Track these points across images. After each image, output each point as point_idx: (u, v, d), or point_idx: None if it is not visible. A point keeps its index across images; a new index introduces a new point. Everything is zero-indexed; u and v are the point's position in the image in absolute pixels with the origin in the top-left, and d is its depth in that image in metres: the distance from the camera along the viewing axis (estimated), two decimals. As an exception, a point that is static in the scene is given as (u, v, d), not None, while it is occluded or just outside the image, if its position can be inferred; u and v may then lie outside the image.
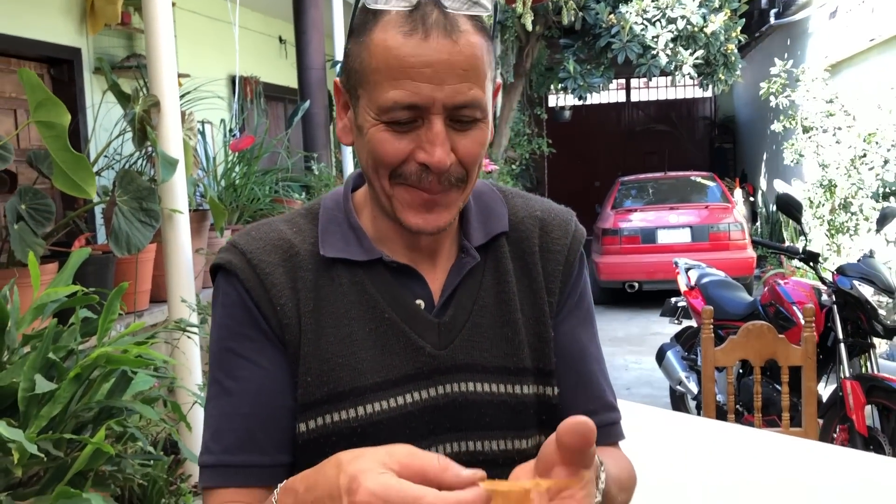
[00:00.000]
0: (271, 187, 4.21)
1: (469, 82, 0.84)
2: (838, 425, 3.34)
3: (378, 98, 0.85)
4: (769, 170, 12.16)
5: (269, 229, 0.96)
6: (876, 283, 3.46)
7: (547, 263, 0.99)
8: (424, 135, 0.85)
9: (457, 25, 0.84)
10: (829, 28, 8.67)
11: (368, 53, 0.86)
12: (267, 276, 0.91)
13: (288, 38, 7.40)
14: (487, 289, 0.96)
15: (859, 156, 5.67)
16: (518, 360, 0.95)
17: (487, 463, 0.91)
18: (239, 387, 0.89)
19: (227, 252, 0.94)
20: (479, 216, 0.99)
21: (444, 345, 0.92)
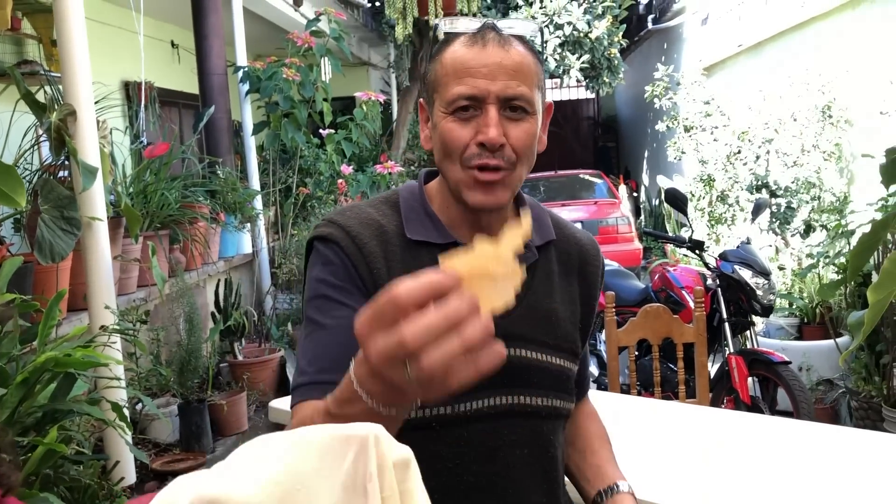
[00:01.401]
0: (181, 192, 4.22)
1: (518, 80, 1.06)
2: (725, 396, 3.67)
3: (446, 95, 1.07)
4: (651, 166, 12.79)
5: (359, 211, 1.13)
6: (754, 267, 3.82)
7: (584, 279, 1.24)
8: (482, 120, 1.06)
9: (509, 41, 1.08)
10: (702, 34, 9.25)
11: (441, 65, 1.10)
12: (364, 244, 1.08)
13: (181, 42, 7.31)
14: (539, 280, 1.17)
15: (734, 152, 6.12)
16: (556, 339, 1.16)
17: (533, 414, 1.12)
18: (336, 323, 1.04)
19: (327, 226, 1.11)
20: (536, 224, 1.20)
21: (503, 316, 1.02)
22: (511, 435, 1.10)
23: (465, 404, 1.07)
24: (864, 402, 3.91)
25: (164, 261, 3.92)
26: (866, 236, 2.97)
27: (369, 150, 8.04)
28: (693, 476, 1.89)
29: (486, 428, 1.09)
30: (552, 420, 1.15)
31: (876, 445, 2.11)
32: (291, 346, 5.12)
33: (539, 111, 1.11)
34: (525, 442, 1.11)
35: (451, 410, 1.06)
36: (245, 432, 4.18)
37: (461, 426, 1.07)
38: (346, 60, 7.07)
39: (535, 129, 1.10)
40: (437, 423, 1.06)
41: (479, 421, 1.08)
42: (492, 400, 1.09)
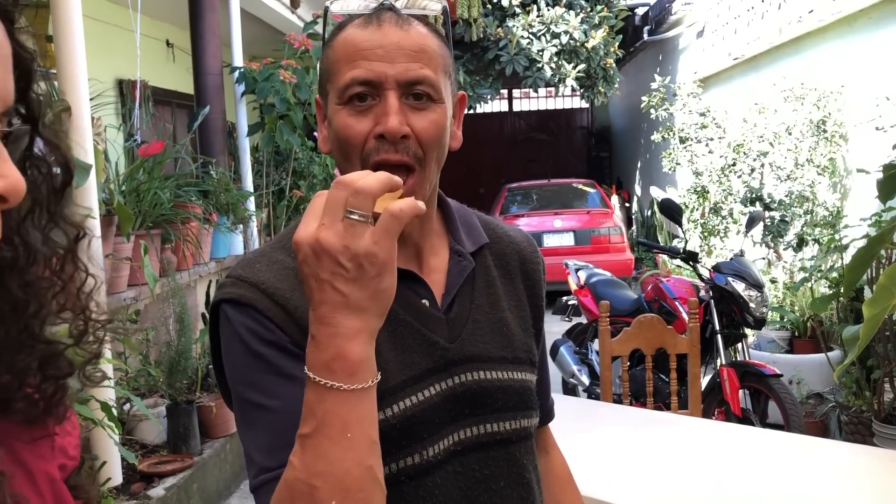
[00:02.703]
0: (174, 192, 4.20)
1: (420, 63, 0.94)
2: (716, 408, 3.68)
3: (338, 82, 0.95)
4: (643, 177, 12.82)
5: (269, 260, 0.97)
6: (747, 279, 3.83)
7: (527, 279, 1.13)
8: (380, 109, 0.93)
9: (409, 21, 0.97)
10: (698, 46, 9.29)
11: (332, 51, 0.98)
12: (287, 301, 0.92)
13: (176, 41, 7.29)
14: (480, 290, 1.06)
15: (729, 164, 6.14)
16: (512, 350, 1.06)
17: (503, 442, 1.02)
18: (284, 403, 0.88)
19: (235, 286, 0.94)
20: (464, 228, 1.08)
21: (453, 338, 1.00)
22: (483, 469, 1.00)
23: (431, 448, 0.96)
24: (854, 417, 3.92)
25: (155, 260, 3.90)
26: (862, 251, 2.97)
27: (363, 155, 8.03)
28: (682, 486, 1.88)
29: (456, 467, 0.98)
30: (522, 442, 1.05)
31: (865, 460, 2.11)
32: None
33: (448, 100, 0.98)
34: (500, 474, 1.01)
35: (418, 459, 0.95)
36: (233, 435, 4.15)
37: (431, 474, 0.96)
38: (343, 64, 7.08)
39: (444, 119, 0.97)
40: (406, 476, 0.95)
41: (448, 462, 0.97)
42: (457, 435, 0.98)
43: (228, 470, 4.07)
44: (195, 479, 3.60)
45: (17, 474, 0.60)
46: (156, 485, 3.33)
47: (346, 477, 0.75)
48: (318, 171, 6.09)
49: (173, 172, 4.61)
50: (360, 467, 0.76)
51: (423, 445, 0.95)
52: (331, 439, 0.74)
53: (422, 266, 1.03)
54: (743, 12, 7.45)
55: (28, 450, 0.62)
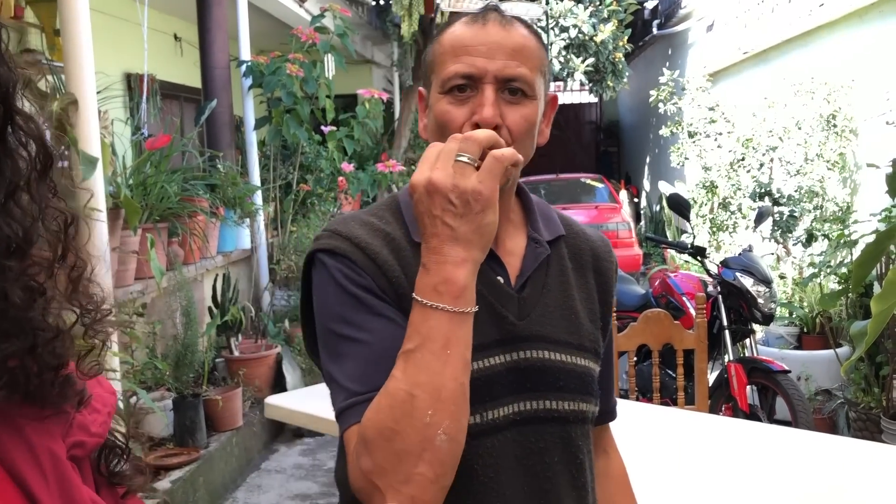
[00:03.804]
0: (181, 185, 4.20)
1: (518, 61, 1.02)
2: (724, 404, 3.66)
3: (442, 74, 1.04)
4: (652, 172, 12.77)
5: (361, 221, 1.06)
6: (755, 274, 3.81)
7: (599, 275, 1.18)
8: (478, 100, 1.02)
9: (511, 22, 1.05)
10: (707, 40, 9.24)
11: (439, 45, 1.06)
12: (377, 255, 1.01)
13: (184, 35, 7.29)
14: (552, 276, 1.12)
15: (738, 159, 6.10)
16: (578, 337, 1.11)
17: (561, 419, 1.07)
18: (373, 337, 0.97)
19: (330, 238, 1.03)
20: (542, 219, 1.15)
21: (522, 316, 1.07)
22: (539, 442, 1.05)
23: (492, 412, 1.02)
24: (862, 414, 3.90)
25: (162, 254, 3.90)
26: (870, 246, 2.96)
27: (371, 149, 8.03)
28: (689, 482, 1.87)
29: (514, 436, 1.04)
30: (579, 424, 1.10)
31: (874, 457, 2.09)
32: (288, 342, 5.10)
33: (540, 98, 1.06)
34: (555, 449, 1.07)
35: (479, 419, 1.01)
36: (240, 428, 4.16)
37: (491, 435, 1.02)
38: (350, 58, 7.05)
39: (535, 115, 1.05)
40: (468, 434, 0.98)
41: (508, 429, 1.03)
42: (518, 405, 1.04)
43: (234, 463, 4.08)
44: (201, 472, 3.61)
45: (18, 450, 0.59)
46: (162, 478, 3.34)
47: (442, 389, 0.88)
48: (325, 164, 6.08)
49: (180, 166, 4.61)
50: (455, 382, 0.89)
51: (484, 408, 1.01)
52: (433, 353, 0.87)
53: (499, 247, 1.09)
54: (753, 6, 7.41)
55: (33, 427, 0.61)
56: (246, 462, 4.25)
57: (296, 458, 4.47)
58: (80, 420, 0.66)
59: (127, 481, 0.72)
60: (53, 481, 0.61)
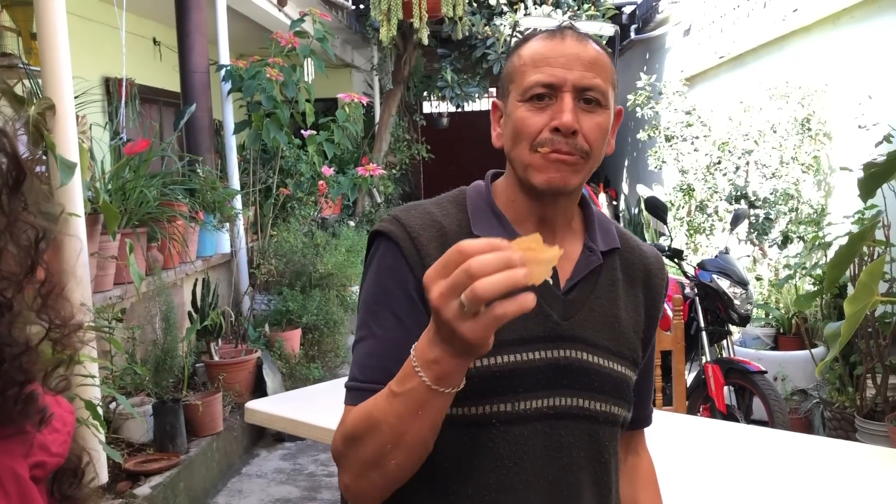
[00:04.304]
0: (160, 190, 4.18)
1: (594, 73, 1.10)
2: (701, 404, 3.70)
3: (523, 83, 1.11)
4: (631, 175, 12.85)
5: (423, 210, 1.16)
6: (732, 276, 3.86)
7: (648, 290, 1.24)
8: (557, 107, 1.09)
9: (586, 39, 1.14)
10: (684, 44, 9.32)
11: (518, 57, 1.14)
12: (423, 246, 1.10)
13: (163, 39, 7.26)
14: (602, 285, 1.18)
15: (714, 162, 6.16)
16: (618, 345, 1.16)
17: (591, 419, 1.13)
18: (385, 334, 1.08)
19: (391, 223, 1.13)
20: (600, 230, 1.21)
21: (566, 317, 1.13)
22: (568, 437, 1.11)
23: (525, 402, 1.08)
24: (837, 413, 3.95)
25: (141, 259, 3.89)
26: (843, 248, 3.00)
27: (351, 152, 8.02)
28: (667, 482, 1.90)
29: (544, 427, 1.10)
30: (609, 426, 1.16)
31: (848, 455, 2.13)
32: (268, 347, 5.09)
33: (612, 108, 1.14)
34: (581, 445, 1.12)
35: (511, 408, 1.08)
36: (220, 433, 4.15)
37: (520, 424, 1.08)
38: (330, 62, 7.05)
39: (608, 123, 1.12)
40: (498, 420, 1.08)
41: (539, 420, 1.09)
42: (551, 400, 1.10)
43: (215, 468, 4.07)
44: (182, 477, 3.60)
45: None
46: (142, 483, 3.33)
47: (405, 435, 0.95)
48: (305, 168, 6.07)
49: (159, 171, 4.59)
50: (419, 436, 0.96)
51: (517, 398, 1.08)
52: (408, 408, 0.93)
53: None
54: (729, 11, 7.49)
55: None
56: (227, 467, 4.24)
57: (276, 463, 4.47)
58: (41, 440, 0.65)
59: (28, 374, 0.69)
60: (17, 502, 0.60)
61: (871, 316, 3.78)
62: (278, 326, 5.37)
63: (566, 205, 1.17)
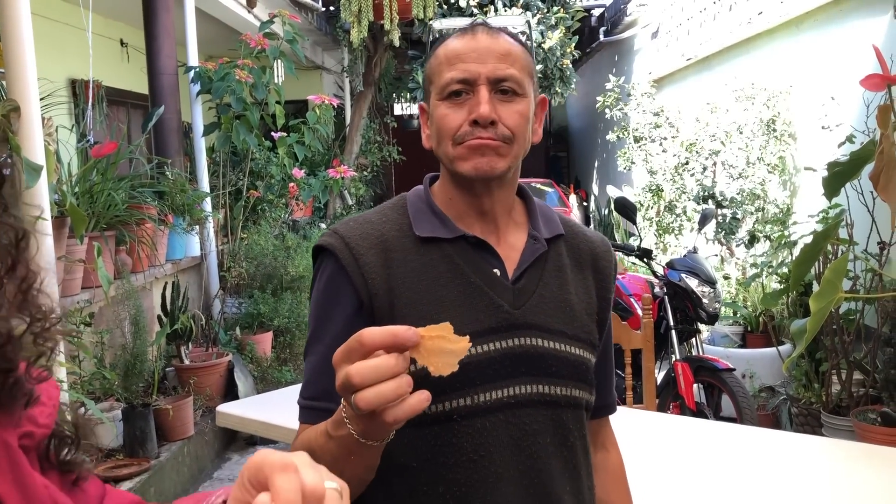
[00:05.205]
0: (128, 193, 4.14)
1: (507, 63, 1.13)
2: (671, 402, 3.74)
3: (440, 82, 1.14)
4: (601, 177, 12.95)
5: (363, 220, 1.19)
6: (700, 275, 3.91)
7: (597, 273, 1.26)
8: (474, 100, 1.12)
9: (498, 32, 1.16)
10: (652, 46, 9.42)
11: (435, 58, 1.17)
12: (361, 256, 1.13)
13: (130, 41, 7.18)
14: (549, 271, 1.20)
15: (682, 163, 6.24)
16: (573, 328, 1.18)
17: (553, 404, 1.14)
18: (322, 349, 1.10)
19: (330, 237, 1.16)
20: (543, 218, 1.24)
21: (518, 306, 1.15)
22: (533, 424, 1.12)
23: (484, 394, 1.09)
24: (803, 409, 4.02)
25: (109, 262, 3.84)
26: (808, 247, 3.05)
27: (322, 154, 7.99)
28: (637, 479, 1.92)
29: (507, 417, 1.10)
30: (572, 409, 1.17)
31: (814, 450, 2.17)
32: (240, 350, 5.06)
33: (530, 97, 1.16)
34: (547, 431, 1.13)
35: (470, 402, 1.08)
36: (191, 437, 4.12)
37: (482, 417, 1.09)
38: (300, 63, 7.03)
39: (527, 110, 1.15)
40: (458, 415, 1.08)
41: (501, 411, 1.10)
42: (512, 389, 1.11)
43: (186, 473, 4.04)
44: (152, 482, 3.56)
45: None
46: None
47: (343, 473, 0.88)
48: (275, 171, 6.04)
49: (127, 173, 4.54)
50: (354, 475, 0.95)
51: (475, 391, 1.09)
52: (340, 452, 0.92)
53: (500, 242, 1.19)
54: (695, 13, 7.58)
55: None
56: (198, 471, 4.20)
57: (249, 467, 4.43)
58: (29, 413, 0.70)
59: (77, 468, 0.76)
60: (7, 467, 0.65)
61: (836, 313, 3.84)
62: (249, 329, 5.34)
63: (502, 195, 1.18)
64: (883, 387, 3.61)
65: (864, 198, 3.68)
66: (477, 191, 1.16)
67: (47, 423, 0.73)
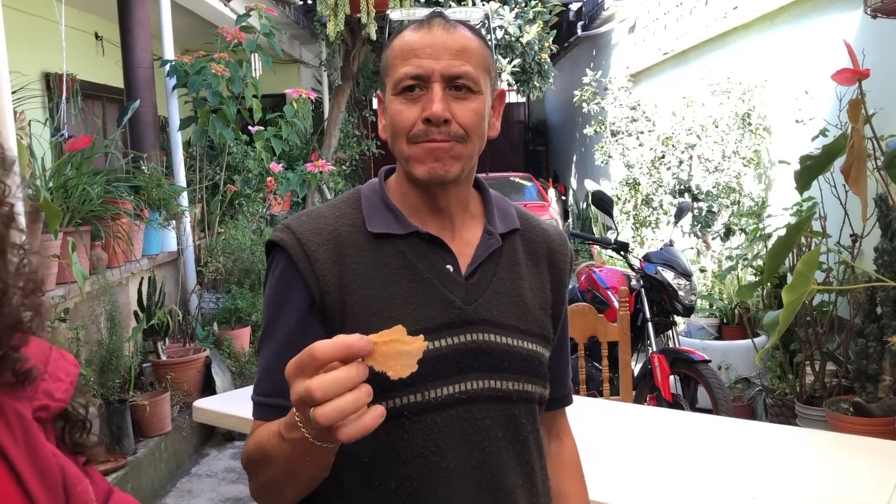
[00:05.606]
0: (103, 188, 4.10)
1: (462, 60, 1.10)
2: (648, 394, 3.77)
3: (394, 76, 1.12)
4: (579, 170, 13.00)
5: (316, 215, 1.17)
6: (676, 268, 3.94)
7: (552, 267, 1.26)
8: (427, 98, 1.10)
9: (455, 26, 1.13)
10: (630, 41, 9.46)
11: (391, 50, 1.14)
12: (313, 252, 1.12)
13: (105, 34, 7.11)
14: (504, 266, 1.19)
15: (659, 157, 6.28)
16: (527, 323, 1.18)
17: (505, 398, 1.14)
18: (275, 345, 1.11)
19: (282, 232, 1.15)
20: (499, 213, 1.23)
21: (470, 301, 1.14)
22: (485, 419, 1.12)
23: (436, 390, 1.09)
24: (778, 400, 4.07)
25: (84, 257, 3.81)
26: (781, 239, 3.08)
27: (300, 149, 7.96)
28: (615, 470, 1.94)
29: (459, 413, 1.10)
30: (524, 404, 1.17)
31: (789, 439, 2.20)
32: (217, 345, 5.04)
33: (487, 92, 1.14)
34: (499, 426, 1.13)
35: (421, 398, 1.08)
36: (168, 433, 4.10)
37: (433, 412, 1.09)
38: (277, 57, 6.98)
39: (482, 108, 1.13)
40: (408, 411, 1.08)
41: (452, 406, 1.10)
42: (463, 385, 1.11)
43: (164, 469, 4.02)
44: (129, 478, 3.54)
45: None
46: (88, 486, 3.26)
47: (297, 474, 0.97)
48: (252, 165, 6.00)
49: (103, 168, 4.50)
50: (308, 475, 0.98)
51: (426, 387, 1.08)
52: (294, 453, 0.92)
53: (454, 238, 1.18)
54: (672, 8, 7.63)
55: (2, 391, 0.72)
56: (176, 467, 4.18)
57: (227, 462, 4.42)
58: (45, 387, 0.76)
59: (87, 451, 0.81)
60: (20, 436, 0.71)
61: (810, 305, 3.89)
62: (227, 325, 5.31)
63: (458, 192, 1.17)
64: (855, 377, 3.66)
65: (837, 191, 3.72)
66: (431, 190, 1.15)
67: (62, 398, 0.77)
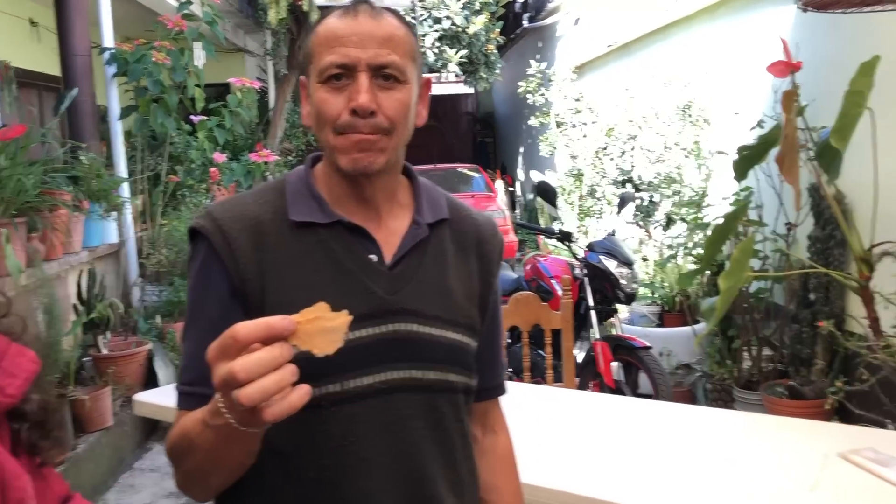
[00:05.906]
0: (40, 178, 3.99)
1: (389, 49, 1.09)
2: (591, 380, 3.84)
3: (319, 64, 1.10)
4: (526, 162, 13.10)
5: (238, 202, 1.15)
6: (618, 257, 4.01)
7: (481, 257, 1.25)
8: (353, 88, 1.08)
9: (381, 13, 1.11)
10: (574, 33, 9.55)
11: (315, 37, 1.12)
12: (234, 239, 1.10)
13: (41, 20, 6.91)
14: (430, 256, 1.18)
15: (602, 148, 6.37)
16: (451, 313, 1.17)
17: (426, 388, 1.14)
18: (198, 333, 1.09)
19: (203, 219, 1.13)
20: (428, 202, 1.22)
21: (392, 292, 1.13)
22: (406, 409, 1.11)
23: (355, 381, 1.08)
24: (717, 385, 4.17)
25: (20, 250, 3.71)
26: (719, 227, 3.17)
27: (244, 139, 7.86)
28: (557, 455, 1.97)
29: (378, 403, 1.10)
30: (446, 393, 1.16)
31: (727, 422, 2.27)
32: (160, 338, 4.96)
33: (413, 82, 1.13)
34: (419, 416, 1.13)
35: (340, 388, 1.07)
36: (109, 428, 4.02)
37: (353, 403, 1.08)
38: (221, 46, 6.88)
39: (409, 98, 1.12)
40: (326, 401, 1.07)
41: (372, 396, 1.09)
42: (383, 375, 1.10)
43: (105, 464, 3.95)
44: (69, 475, 3.47)
45: None
46: (26, 483, 3.19)
47: (222, 461, 0.97)
48: (195, 155, 5.91)
49: (40, 158, 4.38)
50: (235, 461, 0.98)
51: (345, 377, 1.08)
52: (218, 440, 0.91)
53: (380, 227, 1.17)
54: (616, 1, 7.72)
55: None
56: (117, 462, 4.11)
57: (171, 456, 4.36)
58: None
59: (43, 453, 0.81)
60: None
61: (747, 292, 4.00)
62: (170, 317, 5.23)
63: (383, 183, 1.16)
64: (790, 362, 3.78)
65: (773, 181, 3.83)
66: (357, 180, 1.14)
67: (14, 394, 0.76)
